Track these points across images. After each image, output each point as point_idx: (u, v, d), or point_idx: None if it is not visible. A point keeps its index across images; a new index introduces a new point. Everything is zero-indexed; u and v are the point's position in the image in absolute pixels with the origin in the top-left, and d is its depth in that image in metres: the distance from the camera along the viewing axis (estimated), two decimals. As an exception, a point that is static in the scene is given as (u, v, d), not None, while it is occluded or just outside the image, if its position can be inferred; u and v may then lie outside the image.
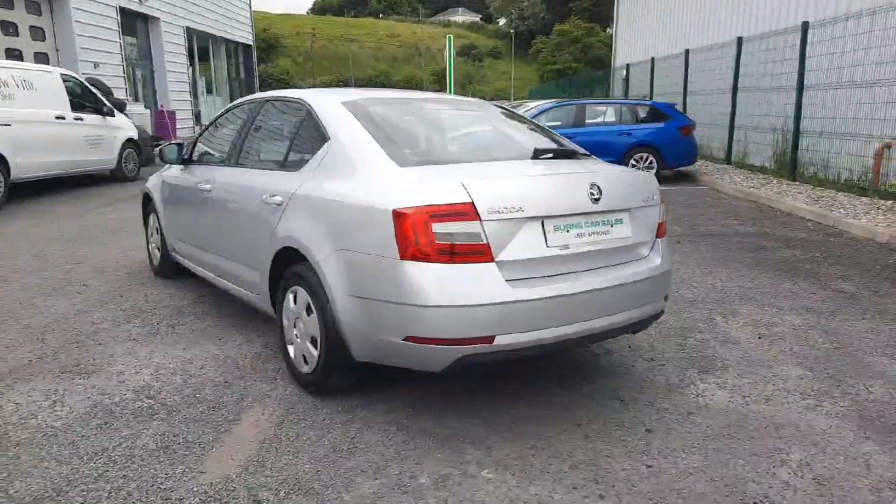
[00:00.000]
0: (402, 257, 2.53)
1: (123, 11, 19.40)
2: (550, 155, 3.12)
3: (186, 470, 2.52)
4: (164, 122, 19.78)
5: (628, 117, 11.13)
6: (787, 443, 2.76)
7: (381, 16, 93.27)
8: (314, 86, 56.93)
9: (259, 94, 4.09)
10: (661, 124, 10.96)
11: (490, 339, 2.53)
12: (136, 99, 19.92)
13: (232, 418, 2.95)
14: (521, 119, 3.91)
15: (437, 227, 2.49)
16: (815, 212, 7.95)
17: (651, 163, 10.87)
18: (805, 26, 9.85)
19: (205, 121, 25.85)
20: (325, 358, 2.97)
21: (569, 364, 3.58)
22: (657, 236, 3.16)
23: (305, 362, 3.14)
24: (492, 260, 2.53)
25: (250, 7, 32.23)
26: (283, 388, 3.25)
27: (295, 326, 3.20)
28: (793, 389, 3.28)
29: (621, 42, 23.32)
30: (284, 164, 3.45)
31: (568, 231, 2.73)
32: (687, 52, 14.50)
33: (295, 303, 3.17)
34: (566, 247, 2.72)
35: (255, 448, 2.69)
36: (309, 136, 3.35)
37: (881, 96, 9.01)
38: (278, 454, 2.64)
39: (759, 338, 4.01)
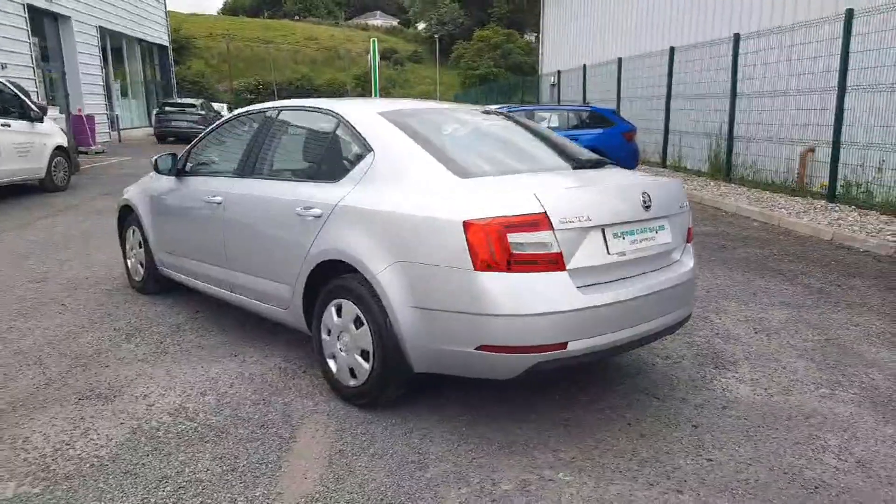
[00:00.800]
0: (477, 268, 2.56)
1: (31, 9, 18.25)
2: (591, 165, 3.23)
3: (266, 492, 2.46)
4: (81, 127, 18.71)
5: (574, 122, 11.49)
6: (821, 430, 2.98)
7: (296, 18, 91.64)
8: (232, 89, 55.21)
9: (270, 104, 3.99)
10: (605, 129, 11.37)
11: (564, 344, 2.61)
12: (50, 103, 18.74)
13: (287, 436, 2.88)
14: (533, 126, 4.00)
15: (513, 238, 2.54)
16: (759, 212, 8.49)
17: (597, 167, 11.24)
18: (737, 38, 10.49)
19: (124, 125, 24.67)
20: (379, 370, 2.95)
21: (594, 366, 3.70)
22: (686, 241, 3.33)
23: (353, 376, 3.11)
24: (564, 268, 2.60)
25: (165, 7, 30.98)
26: (326, 403, 3.20)
27: (339, 340, 3.16)
28: (805, 380, 3.53)
29: (548, 49, 23.97)
30: (317, 176, 3.40)
31: (624, 238, 2.85)
32: (620, 60, 15.11)
33: (339, 316, 3.13)
34: (623, 253, 2.83)
35: (324, 465, 2.65)
36: (345, 148, 3.32)
37: (805, 104, 9.72)
38: (351, 470, 2.61)
39: (756, 332, 4.27)
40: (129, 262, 5.15)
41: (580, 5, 20.31)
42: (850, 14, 8.23)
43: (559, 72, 19.77)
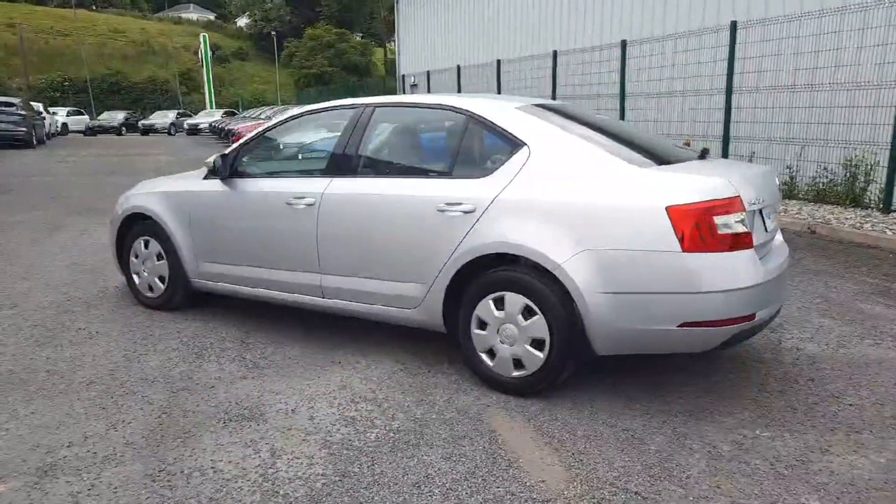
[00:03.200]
0: (685, 249, 2.78)
1: None
2: (701, 155, 3.55)
3: (533, 483, 2.50)
4: None
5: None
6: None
7: (94, 8, 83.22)
8: (30, 87, 48.92)
9: (358, 100, 3.84)
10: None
11: (752, 316, 2.91)
12: None
13: (486, 430, 2.89)
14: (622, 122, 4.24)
15: (718, 220, 2.79)
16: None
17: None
18: (624, 44, 11.55)
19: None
20: (557, 357, 3.05)
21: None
22: None
23: (517, 367, 3.18)
24: (752, 246, 2.91)
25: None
26: (488, 396, 3.23)
27: (498, 332, 3.20)
28: (845, 335, 4.16)
29: (405, 49, 24.27)
30: (453, 173, 3.39)
31: (770, 218, 3.22)
32: (499, 62, 15.82)
33: (499, 308, 3.18)
34: (767, 232, 3.20)
35: (550, 453, 2.72)
36: (487, 144, 3.36)
37: (693, 104, 11.00)
38: (582, 454, 2.71)
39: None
40: (137, 277, 4.63)
41: (436, 4, 20.91)
42: (734, 25, 9.47)
43: (429, 72, 20.15)
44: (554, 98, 13.55)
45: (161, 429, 2.94)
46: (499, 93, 15.83)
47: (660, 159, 3.17)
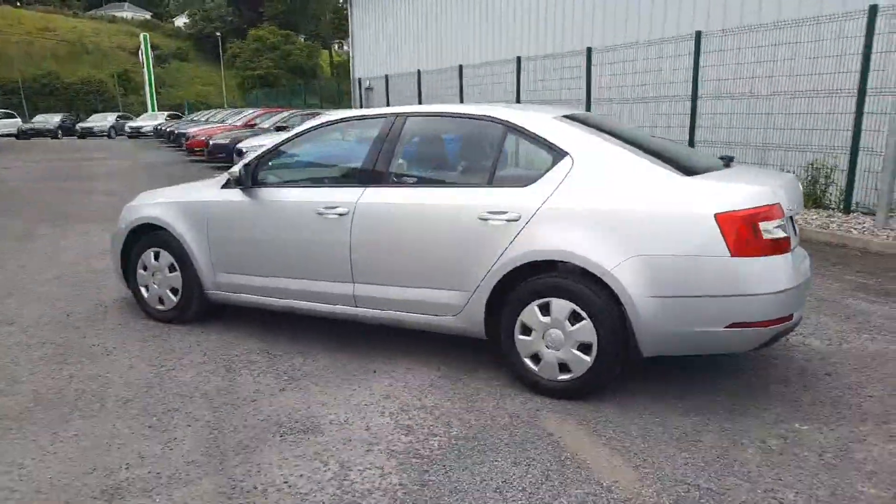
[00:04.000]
0: (734, 254, 2.92)
1: None
2: (727, 163, 3.71)
3: (608, 484, 2.57)
4: None
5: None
6: (901, 364, 3.83)
7: (18, 4, 79.40)
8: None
9: (389, 109, 3.84)
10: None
11: (791, 316, 3.08)
12: None
13: (545, 434, 2.96)
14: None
15: (763, 226, 2.94)
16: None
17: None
18: (589, 51, 11.86)
19: None
20: (604, 361, 3.15)
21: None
22: None
23: (563, 371, 3.26)
24: (790, 249, 3.07)
25: None
26: (534, 401, 3.30)
27: (543, 338, 3.28)
28: (843, 330, 4.41)
29: (360, 52, 24.13)
30: (493, 182, 3.44)
31: (796, 223, 3.40)
32: (461, 67, 15.95)
33: (545, 314, 3.25)
34: (796, 236, 3.38)
35: (614, 454, 2.81)
36: (527, 153, 3.43)
37: (660, 109, 11.38)
38: (646, 455, 2.81)
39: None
40: (146, 290, 4.51)
41: (391, 7, 20.91)
42: (698, 35, 9.85)
43: (387, 76, 20.10)
44: (518, 100, 13.78)
45: (217, 445, 2.89)
46: (461, 99, 15.97)
47: (695, 168, 3.30)
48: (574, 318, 3.20)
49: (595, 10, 12.76)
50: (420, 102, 17.73)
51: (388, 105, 19.77)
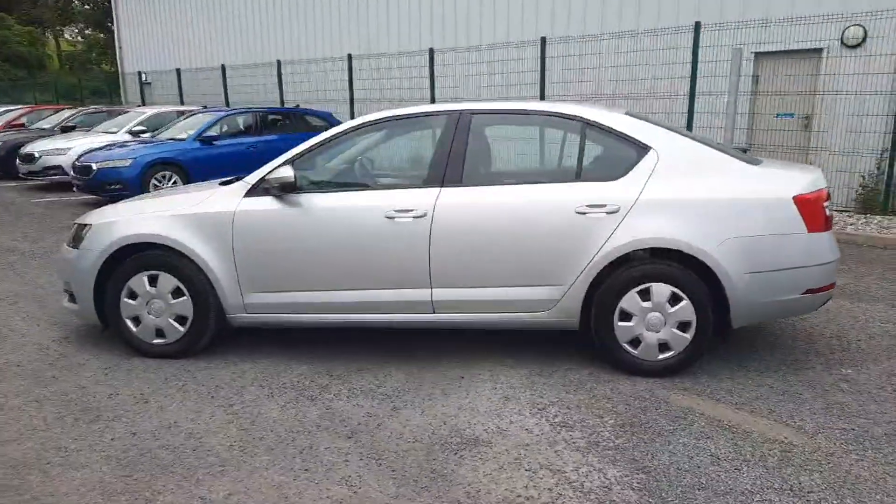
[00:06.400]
0: (810, 231, 3.41)
1: None
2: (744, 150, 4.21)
3: (800, 444, 2.88)
4: None
5: (300, 125, 11.47)
6: None
7: None
8: None
9: (446, 107, 3.68)
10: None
11: (835, 283, 3.67)
12: None
13: (701, 418, 3.17)
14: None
15: (826, 206, 3.47)
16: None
17: (326, 168, 11.58)
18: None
19: None
20: (701, 338, 3.46)
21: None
22: None
23: (663, 350, 3.51)
24: (832, 226, 3.65)
25: None
26: (648, 382, 3.48)
27: (643, 321, 3.49)
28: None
29: (129, 47, 21.72)
30: (581, 176, 3.54)
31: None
32: (279, 62, 15.26)
33: (646, 299, 3.47)
34: None
35: (772, 422, 3.13)
36: (611, 148, 3.57)
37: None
38: (801, 420, 3.18)
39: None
40: (131, 322, 3.79)
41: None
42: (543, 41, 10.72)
43: (178, 69, 18.31)
44: (351, 103, 13.69)
45: (403, 474, 2.62)
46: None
47: (749, 158, 3.75)
48: (674, 300, 3.45)
49: (434, 12, 13.20)
50: (226, 99, 16.65)
51: (181, 101, 18.22)
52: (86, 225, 3.90)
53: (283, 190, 3.60)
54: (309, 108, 12.97)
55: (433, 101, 12.33)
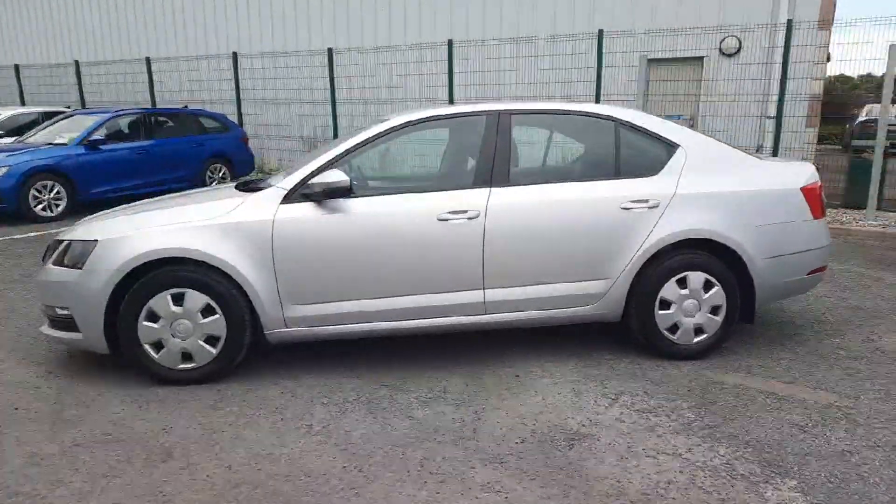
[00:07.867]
0: (815, 217, 3.83)
1: None
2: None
3: (869, 413, 3.23)
4: None
5: (193, 128, 10.69)
6: None
7: None
8: None
9: (483, 106, 3.66)
10: (225, 134, 11.06)
11: (827, 265, 4.13)
12: None
13: (762, 394, 3.44)
14: None
15: (822, 194, 3.91)
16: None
17: (224, 174, 10.92)
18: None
19: None
20: (730, 320, 3.77)
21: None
22: None
23: (698, 333, 3.77)
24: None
25: None
26: (692, 365, 3.71)
27: (681, 308, 3.73)
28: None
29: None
30: (620, 174, 3.69)
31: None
32: (148, 59, 14.08)
33: (683, 287, 3.71)
34: None
35: (822, 390, 3.47)
36: (643, 146, 3.76)
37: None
38: (859, 388, 3.54)
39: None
40: (151, 348, 3.39)
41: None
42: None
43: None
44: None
45: (538, 470, 2.60)
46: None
47: (754, 153, 4.12)
48: (706, 286, 3.72)
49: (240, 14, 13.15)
50: (81, 100, 15.16)
51: (21, 101, 16.30)
52: (86, 241, 3.42)
53: (334, 195, 3.40)
54: (201, 108, 12.14)
55: (333, 102, 12.07)
